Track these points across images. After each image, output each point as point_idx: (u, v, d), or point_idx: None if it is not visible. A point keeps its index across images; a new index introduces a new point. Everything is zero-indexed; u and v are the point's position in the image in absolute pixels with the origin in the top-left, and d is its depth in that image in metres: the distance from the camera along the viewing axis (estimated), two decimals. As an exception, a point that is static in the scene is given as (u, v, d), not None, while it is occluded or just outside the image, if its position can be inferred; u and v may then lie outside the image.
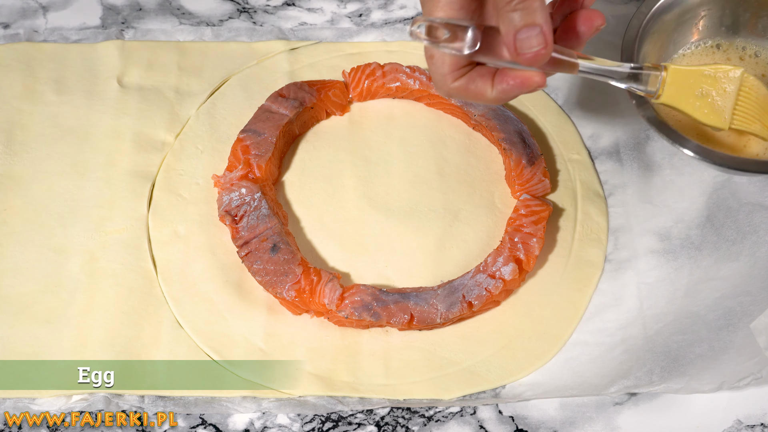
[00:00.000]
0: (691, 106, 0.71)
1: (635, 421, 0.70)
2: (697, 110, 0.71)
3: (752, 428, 0.69)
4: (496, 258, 0.74)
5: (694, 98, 0.70)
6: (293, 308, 0.74)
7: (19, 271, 0.76)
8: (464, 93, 0.62)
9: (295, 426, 0.70)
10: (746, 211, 0.77)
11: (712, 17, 0.80)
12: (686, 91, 0.70)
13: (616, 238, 0.78)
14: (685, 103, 0.70)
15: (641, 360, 0.71)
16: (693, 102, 0.71)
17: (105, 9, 0.91)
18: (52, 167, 0.81)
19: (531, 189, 0.78)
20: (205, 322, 0.74)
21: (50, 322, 0.74)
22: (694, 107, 0.71)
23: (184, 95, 0.85)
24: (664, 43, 0.79)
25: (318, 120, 0.84)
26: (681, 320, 0.73)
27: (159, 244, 0.78)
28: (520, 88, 0.61)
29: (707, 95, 0.71)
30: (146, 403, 0.71)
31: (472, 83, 0.61)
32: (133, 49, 0.88)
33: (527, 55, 0.58)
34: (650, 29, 0.78)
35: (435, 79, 0.62)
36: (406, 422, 0.70)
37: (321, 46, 0.88)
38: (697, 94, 0.71)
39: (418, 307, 0.72)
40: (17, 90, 0.85)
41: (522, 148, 0.79)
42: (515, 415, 0.70)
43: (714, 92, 0.71)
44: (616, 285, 0.76)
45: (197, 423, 0.71)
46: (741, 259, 0.75)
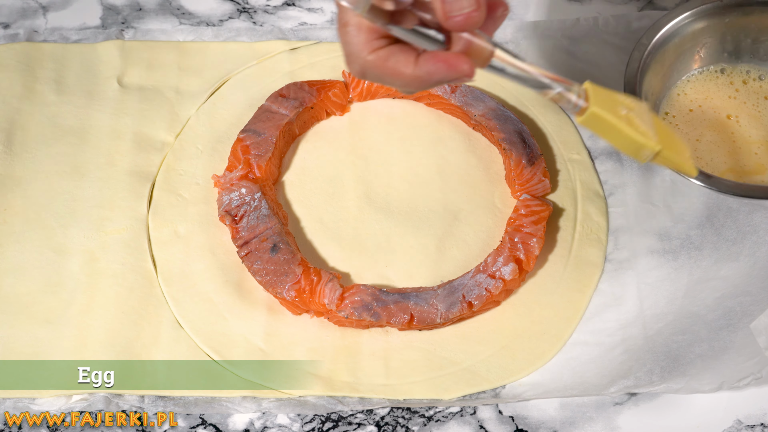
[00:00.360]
0: (621, 121, 0.62)
1: (635, 421, 0.70)
2: (625, 125, 0.62)
3: (752, 428, 0.69)
4: (496, 258, 0.74)
5: (619, 115, 0.63)
6: (293, 308, 0.74)
7: (19, 271, 0.76)
8: (381, 69, 0.55)
9: (295, 426, 0.70)
10: (746, 211, 0.77)
11: (713, 44, 0.81)
12: (610, 107, 0.62)
13: (616, 238, 0.78)
14: (614, 116, 0.61)
15: (641, 360, 0.71)
16: (620, 118, 0.63)
17: (105, 9, 0.91)
18: (52, 167, 0.81)
19: (531, 189, 0.78)
20: (205, 322, 0.74)
21: (50, 322, 0.74)
22: (624, 122, 0.62)
23: (184, 95, 0.85)
24: (666, 72, 0.81)
25: (318, 120, 0.84)
26: (681, 320, 0.73)
27: (159, 244, 0.78)
28: (446, 72, 0.54)
29: (629, 116, 0.64)
30: (146, 403, 0.71)
31: (392, 57, 0.54)
32: (133, 49, 0.88)
33: (457, 17, 0.52)
34: (652, 60, 0.79)
35: (348, 52, 0.55)
36: (406, 422, 0.70)
37: (321, 46, 0.88)
38: (621, 113, 0.64)
39: (418, 307, 0.72)
40: (17, 90, 0.85)
41: (522, 148, 0.79)
42: (515, 415, 0.70)
43: (634, 117, 0.65)
44: (616, 285, 0.76)
45: (197, 423, 0.71)
46: (741, 259, 0.75)
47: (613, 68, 0.85)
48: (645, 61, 0.78)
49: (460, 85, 0.83)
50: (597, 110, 0.60)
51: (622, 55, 0.85)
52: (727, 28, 0.80)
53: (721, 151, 0.79)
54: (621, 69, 0.85)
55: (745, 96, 0.81)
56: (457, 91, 0.82)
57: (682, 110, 0.81)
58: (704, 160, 0.78)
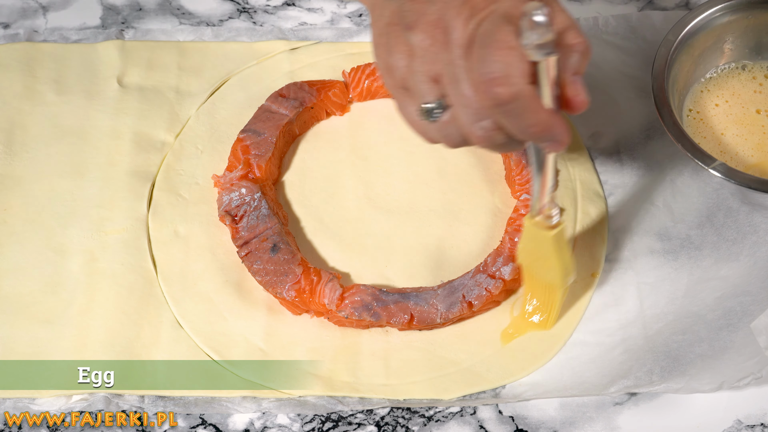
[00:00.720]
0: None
1: (635, 421, 0.70)
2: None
3: (752, 428, 0.69)
4: (496, 258, 0.74)
5: None
6: (293, 308, 0.74)
7: (19, 271, 0.76)
8: (530, 100, 0.55)
9: (295, 426, 0.70)
10: (746, 211, 0.77)
11: (736, 41, 0.81)
12: None
13: (616, 238, 0.78)
14: None
15: (641, 360, 0.71)
16: None
17: (105, 9, 0.91)
18: (52, 167, 0.81)
19: (531, 189, 0.78)
20: (205, 322, 0.74)
21: (50, 322, 0.74)
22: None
23: (184, 95, 0.85)
24: (690, 68, 0.81)
25: (318, 120, 0.84)
26: (681, 320, 0.73)
27: (159, 244, 0.78)
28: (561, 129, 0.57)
29: None
30: (146, 403, 0.71)
31: (537, 96, 0.55)
32: (133, 49, 0.88)
33: (581, 98, 0.57)
34: (677, 56, 0.79)
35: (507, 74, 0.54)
36: (406, 422, 0.70)
37: (321, 46, 0.88)
38: None
39: (418, 307, 0.72)
40: (17, 90, 0.85)
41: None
42: (515, 415, 0.70)
43: None
44: (616, 285, 0.76)
45: (197, 423, 0.71)
46: (741, 259, 0.75)
47: (613, 68, 0.85)
48: (672, 56, 0.78)
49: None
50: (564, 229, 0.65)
51: (622, 55, 0.86)
52: (750, 24, 0.80)
53: (748, 144, 0.79)
54: (621, 69, 0.85)
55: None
56: (457, 91, 0.82)
57: (706, 106, 0.81)
58: (729, 155, 0.78)
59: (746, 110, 0.80)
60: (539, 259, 0.69)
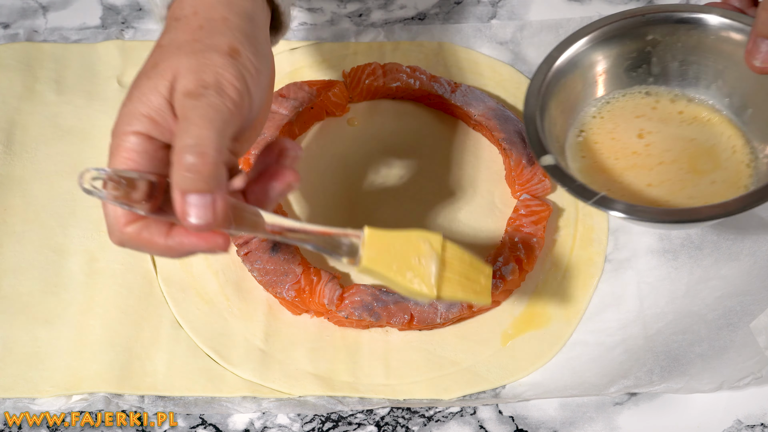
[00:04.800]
0: (395, 271, 0.60)
1: (635, 421, 0.70)
2: (401, 276, 0.60)
3: (752, 428, 0.69)
4: (496, 258, 0.74)
5: (397, 263, 0.60)
6: (293, 308, 0.74)
7: (19, 271, 0.76)
8: (136, 240, 0.56)
9: (295, 426, 0.70)
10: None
11: (632, 65, 0.74)
12: (388, 255, 0.60)
13: (616, 238, 0.78)
14: (388, 268, 0.59)
15: (641, 360, 0.71)
16: (396, 267, 0.60)
17: (105, 9, 0.91)
18: (52, 167, 0.81)
19: (531, 189, 0.78)
20: (205, 322, 0.74)
21: (50, 322, 0.74)
22: (398, 273, 0.60)
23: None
24: (580, 91, 0.73)
25: (318, 120, 0.84)
26: (681, 320, 0.73)
27: (159, 244, 0.78)
28: (197, 245, 0.56)
29: (410, 261, 0.60)
30: (146, 403, 0.71)
31: (146, 229, 0.56)
32: (133, 49, 0.88)
33: (193, 223, 0.53)
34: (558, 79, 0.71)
35: (108, 224, 0.57)
36: (406, 422, 0.70)
37: (321, 46, 0.88)
38: (400, 259, 0.60)
39: (418, 307, 0.72)
40: (17, 90, 0.85)
41: (522, 148, 0.79)
42: (515, 415, 0.70)
43: (418, 258, 0.61)
44: (616, 285, 0.76)
45: (197, 423, 0.71)
46: (741, 258, 0.75)
47: (613, 68, 0.85)
48: (552, 79, 0.71)
49: (460, 85, 0.83)
50: (368, 265, 0.59)
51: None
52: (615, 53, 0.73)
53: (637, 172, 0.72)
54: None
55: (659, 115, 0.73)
56: (457, 90, 0.82)
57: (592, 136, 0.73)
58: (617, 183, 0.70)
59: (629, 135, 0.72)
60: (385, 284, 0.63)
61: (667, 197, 0.69)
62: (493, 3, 0.91)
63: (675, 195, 0.69)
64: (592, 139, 0.72)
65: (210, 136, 0.53)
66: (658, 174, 0.70)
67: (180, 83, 0.55)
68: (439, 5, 0.91)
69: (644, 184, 0.69)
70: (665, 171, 0.70)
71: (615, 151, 0.71)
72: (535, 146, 0.68)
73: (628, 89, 0.74)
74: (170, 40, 0.58)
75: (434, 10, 0.91)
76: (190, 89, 0.55)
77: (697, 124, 0.72)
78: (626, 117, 0.73)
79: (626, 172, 0.71)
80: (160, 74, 0.56)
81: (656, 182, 0.69)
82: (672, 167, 0.70)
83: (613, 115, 0.73)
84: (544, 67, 0.71)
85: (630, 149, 0.72)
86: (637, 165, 0.71)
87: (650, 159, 0.71)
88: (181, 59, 0.56)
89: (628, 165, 0.71)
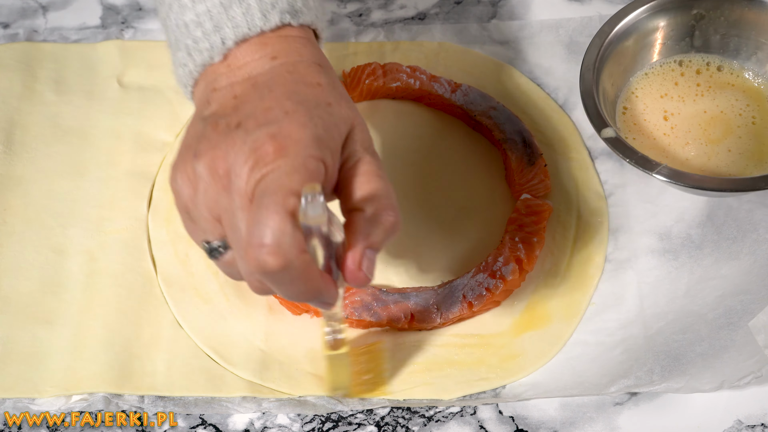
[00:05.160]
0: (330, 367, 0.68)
1: (635, 421, 0.70)
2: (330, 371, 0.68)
3: (752, 428, 0.69)
4: (496, 258, 0.74)
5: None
6: (293, 308, 0.74)
7: (19, 271, 0.76)
8: (304, 270, 0.53)
9: (295, 426, 0.70)
10: (747, 209, 0.77)
11: (677, 37, 0.80)
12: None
13: (616, 238, 0.78)
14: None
15: (642, 359, 0.71)
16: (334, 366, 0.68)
17: (105, 9, 0.91)
18: (52, 167, 0.81)
19: (531, 189, 0.78)
20: (205, 322, 0.74)
21: (50, 322, 0.74)
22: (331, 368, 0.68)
23: (184, 95, 0.85)
24: (620, 69, 0.80)
25: (318, 120, 0.84)
26: (681, 319, 0.73)
27: (159, 244, 0.78)
28: (333, 295, 0.57)
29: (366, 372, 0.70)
30: (146, 403, 0.71)
31: (314, 264, 0.55)
32: (133, 49, 0.88)
33: (362, 278, 0.55)
34: (612, 51, 0.78)
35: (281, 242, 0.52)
36: (406, 422, 0.70)
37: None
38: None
39: (418, 307, 0.72)
40: (17, 90, 0.85)
41: (522, 148, 0.79)
42: (515, 415, 0.70)
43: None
44: (616, 285, 0.76)
45: (197, 423, 0.71)
46: (742, 258, 0.75)
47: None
48: (604, 52, 0.77)
49: (460, 85, 0.83)
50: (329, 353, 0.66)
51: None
52: (696, 20, 0.79)
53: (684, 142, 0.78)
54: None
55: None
56: (457, 90, 0.82)
57: (638, 106, 0.80)
58: (668, 156, 0.77)
59: (686, 106, 0.79)
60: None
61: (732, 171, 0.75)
62: (493, 3, 0.91)
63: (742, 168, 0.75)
64: (630, 120, 0.78)
65: (393, 192, 0.56)
66: (697, 149, 0.76)
67: (357, 134, 0.57)
68: (439, 5, 0.91)
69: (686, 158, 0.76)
70: (706, 147, 0.75)
71: (650, 132, 0.77)
72: (594, 119, 0.72)
73: (664, 58, 0.80)
74: (329, 83, 0.59)
75: (434, 10, 0.91)
76: (367, 144, 0.57)
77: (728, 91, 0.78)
78: (653, 97, 0.78)
79: (665, 151, 0.76)
80: (342, 118, 0.57)
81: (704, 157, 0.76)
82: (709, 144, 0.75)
83: (643, 94, 0.79)
84: (597, 41, 0.76)
85: (660, 131, 0.77)
86: (671, 144, 0.76)
87: (678, 140, 0.76)
88: (352, 111, 0.58)
89: (663, 144, 0.76)
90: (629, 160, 0.71)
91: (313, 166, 0.54)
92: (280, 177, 0.53)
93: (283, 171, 0.53)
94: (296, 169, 0.53)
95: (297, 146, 0.54)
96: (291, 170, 0.53)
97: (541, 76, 0.87)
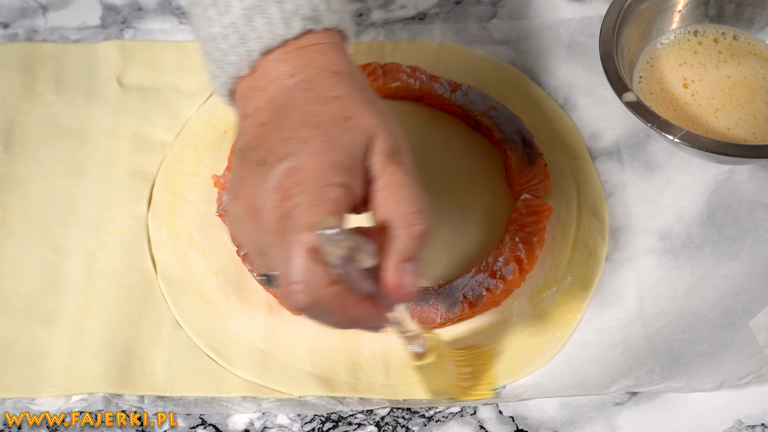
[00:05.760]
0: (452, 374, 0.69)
1: (635, 421, 0.70)
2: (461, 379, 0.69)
3: (752, 428, 0.69)
4: (496, 258, 0.74)
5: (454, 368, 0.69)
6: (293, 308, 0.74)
7: (18, 271, 0.76)
8: (336, 301, 0.54)
9: (295, 426, 0.70)
10: (747, 209, 0.77)
11: (692, 3, 0.81)
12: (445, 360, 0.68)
13: (616, 238, 0.78)
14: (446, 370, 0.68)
15: (642, 359, 0.71)
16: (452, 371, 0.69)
17: (105, 9, 0.91)
18: (52, 167, 0.81)
19: (531, 189, 0.78)
20: (205, 322, 0.74)
21: (50, 322, 0.74)
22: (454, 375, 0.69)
23: (184, 95, 0.85)
24: (639, 35, 0.80)
25: (318, 120, 0.84)
26: (682, 319, 0.73)
27: (159, 244, 0.78)
28: (378, 318, 0.57)
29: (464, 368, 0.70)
30: (146, 403, 0.71)
31: (347, 292, 0.54)
32: (133, 49, 0.88)
33: (406, 292, 0.55)
34: (630, 17, 0.78)
35: (302, 279, 0.53)
36: (406, 422, 0.70)
37: (321, 46, 0.88)
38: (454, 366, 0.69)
39: (418, 307, 0.72)
40: (17, 90, 0.85)
41: (522, 148, 0.79)
42: (515, 415, 0.70)
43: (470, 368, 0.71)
44: (617, 285, 0.76)
45: (197, 423, 0.70)
46: (742, 257, 0.75)
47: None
48: (623, 17, 0.77)
49: (460, 85, 0.83)
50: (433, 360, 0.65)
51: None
52: None
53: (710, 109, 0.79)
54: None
55: None
56: (457, 90, 0.82)
57: (656, 73, 0.80)
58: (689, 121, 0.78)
59: (707, 72, 0.79)
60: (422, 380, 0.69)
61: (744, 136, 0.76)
62: (493, 3, 0.91)
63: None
64: (647, 89, 0.78)
65: (425, 201, 0.55)
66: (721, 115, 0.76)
67: (378, 143, 0.56)
68: (439, 5, 0.91)
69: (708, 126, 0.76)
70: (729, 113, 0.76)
71: (668, 101, 0.77)
72: (615, 83, 0.72)
73: (680, 28, 0.79)
74: (348, 93, 0.58)
75: (434, 10, 0.91)
76: (391, 152, 0.56)
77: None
78: (671, 66, 0.78)
79: (687, 117, 0.76)
80: (361, 131, 0.56)
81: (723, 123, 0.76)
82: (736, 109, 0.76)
83: (660, 64, 0.79)
84: (616, 5, 0.76)
85: (681, 99, 0.77)
86: (693, 111, 0.76)
87: (701, 108, 0.76)
88: (374, 117, 0.57)
89: (685, 112, 0.76)
90: (651, 125, 0.71)
91: (333, 195, 0.54)
92: (300, 214, 0.53)
93: (303, 207, 0.53)
94: (316, 203, 0.53)
95: (315, 177, 0.54)
96: (311, 204, 0.53)
97: (541, 76, 0.87)
